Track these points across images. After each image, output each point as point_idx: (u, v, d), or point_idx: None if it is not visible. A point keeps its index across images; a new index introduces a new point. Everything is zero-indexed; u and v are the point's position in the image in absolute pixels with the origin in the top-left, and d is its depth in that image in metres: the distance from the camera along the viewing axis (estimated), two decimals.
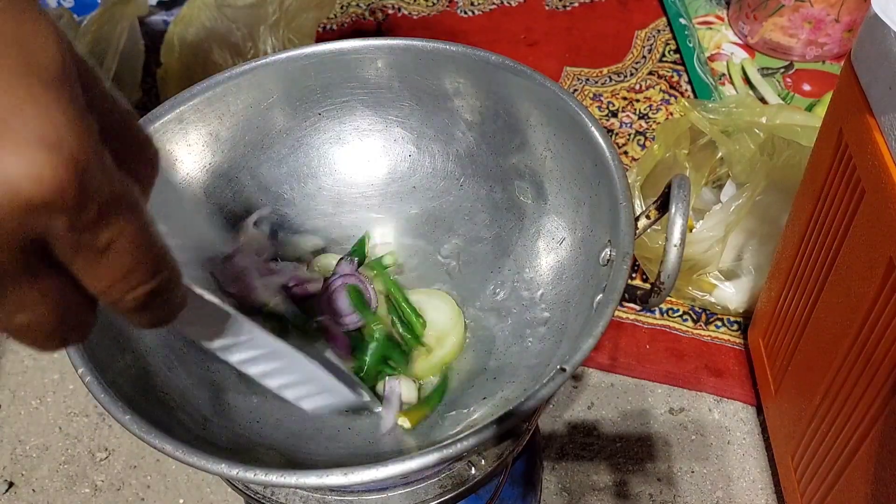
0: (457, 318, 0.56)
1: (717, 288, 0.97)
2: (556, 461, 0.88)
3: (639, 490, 0.86)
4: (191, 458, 0.38)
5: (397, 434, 0.50)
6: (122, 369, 0.46)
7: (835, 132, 0.66)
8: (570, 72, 1.38)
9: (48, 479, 0.91)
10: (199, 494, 0.89)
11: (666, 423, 0.91)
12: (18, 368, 1.03)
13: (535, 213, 0.57)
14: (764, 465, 0.87)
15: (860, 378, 0.61)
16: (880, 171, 0.56)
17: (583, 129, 0.51)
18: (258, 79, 0.58)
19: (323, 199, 0.62)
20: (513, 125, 0.57)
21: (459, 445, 0.37)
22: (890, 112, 0.55)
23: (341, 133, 0.62)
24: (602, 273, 0.47)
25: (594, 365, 0.97)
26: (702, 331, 0.99)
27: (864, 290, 0.60)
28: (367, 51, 0.58)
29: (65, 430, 0.96)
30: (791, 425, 0.77)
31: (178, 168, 0.57)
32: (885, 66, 0.55)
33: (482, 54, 0.56)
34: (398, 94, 0.60)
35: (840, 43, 1.31)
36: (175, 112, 0.56)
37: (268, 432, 0.49)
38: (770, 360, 0.85)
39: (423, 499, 0.50)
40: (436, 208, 0.61)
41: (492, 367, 0.53)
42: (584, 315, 0.47)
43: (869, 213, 0.59)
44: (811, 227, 0.72)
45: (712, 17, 1.46)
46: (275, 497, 0.51)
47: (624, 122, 1.28)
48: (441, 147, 0.61)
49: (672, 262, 0.41)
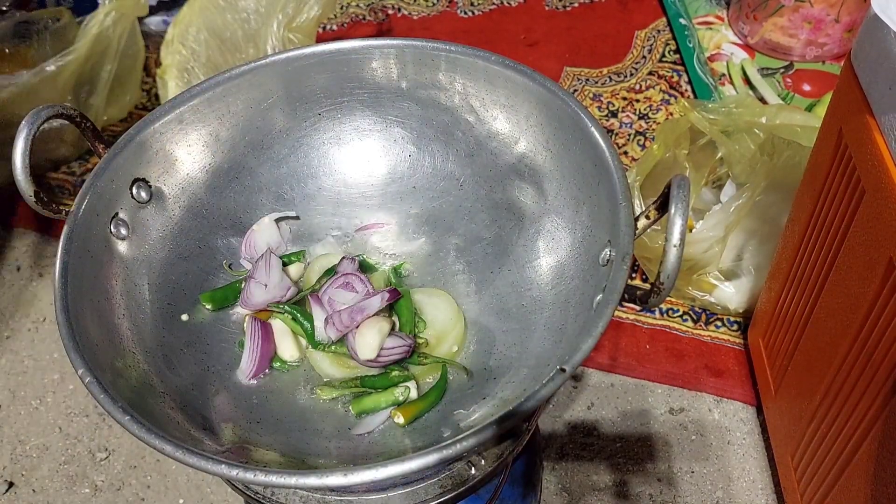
0: (457, 318, 0.56)
1: (717, 288, 0.97)
2: (556, 461, 0.88)
3: (639, 490, 0.86)
4: (191, 458, 0.38)
5: (396, 434, 0.50)
6: (122, 370, 0.46)
7: (835, 132, 0.66)
8: (570, 72, 1.38)
9: (48, 479, 0.91)
10: (199, 494, 0.89)
11: (666, 423, 0.91)
12: (18, 368, 1.03)
13: (535, 213, 0.57)
14: (764, 465, 0.87)
15: (860, 378, 0.61)
16: (880, 171, 0.56)
17: (583, 129, 0.51)
18: (258, 79, 0.58)
19: (323, 199, 0.62)
20: (513, 125, 0.57)
21: (459, 445, 0.37)
22: (890, 112, 0.55)
23: (341, 133, 0.62)
24: (602, 273, 0.47)
25: (594, 365, 0.96)
26: (702, 331, 0.99)
27: (864, 290, 0.60)
28: (367, 51, 0.58)
29: (65, 431, 0.96)
30: (791, 425, 0.77)
31: (178, 168, 0.57)
32: (885, 66, 0.55)
33: (482, 54, 0.56)
34: (398, 94, 0.60)
35: (840, 43, 1.31)
36: (175, 112, 0.56)
37: (268, 432, 0.49)
38: (770, 360, 0.85)
39: (423, 499, 0.50)
40: (436, 208, 0.61)
41: (492, 367, 0.53)
42: (583, 315, 0.47)
43: (869, 213, 0.59)
44: (811, 227, 0.72)
45: (712, 17, 1.46)
46: (275, 497, 0.51)
47: (624, 122, 1.28)
48: (441, 147, 0.60)
49: (672, 262, 0.41)
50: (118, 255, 0.52)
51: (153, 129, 0.55)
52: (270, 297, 0.56)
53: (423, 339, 0.55)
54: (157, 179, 0.56)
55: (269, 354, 0.54)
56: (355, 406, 0.51)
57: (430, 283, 0.59)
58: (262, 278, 0.56)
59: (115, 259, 0.52)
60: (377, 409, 0.51)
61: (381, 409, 0.51)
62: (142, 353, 0.49)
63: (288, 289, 0.57)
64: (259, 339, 0.53)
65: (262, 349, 0.53)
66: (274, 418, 0.51)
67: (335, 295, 0.55)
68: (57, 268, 0.47)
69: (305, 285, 0.58)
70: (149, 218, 0.55)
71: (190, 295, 0.56)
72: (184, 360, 0.52)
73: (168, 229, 0.56)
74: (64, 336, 0.43)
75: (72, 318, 0.44)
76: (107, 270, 0.51)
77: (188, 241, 0.57)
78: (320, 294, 0.56)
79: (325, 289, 0.56)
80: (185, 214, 0.57)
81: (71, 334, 0.43)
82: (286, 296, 0.56)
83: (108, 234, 0.52)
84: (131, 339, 0.49)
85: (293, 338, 0.55)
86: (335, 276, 0.56)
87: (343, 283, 0.56)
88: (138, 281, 0.53)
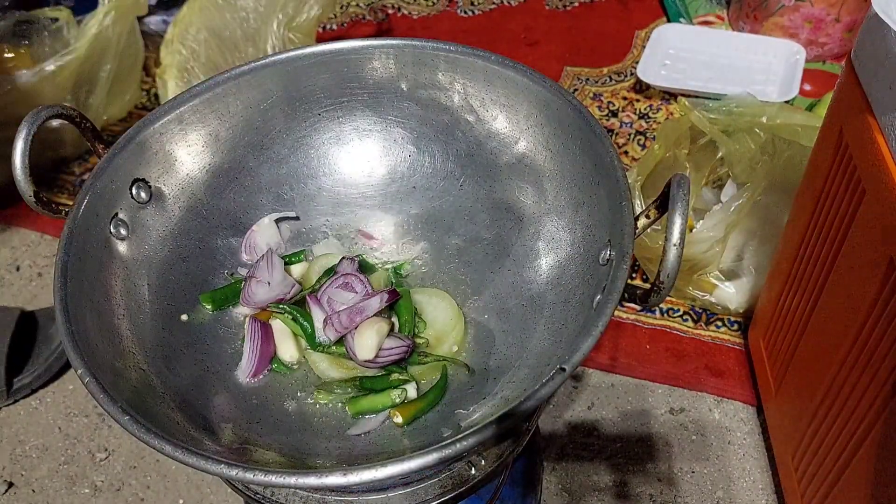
0: (457, 318, 0.56)
1: (717, 288, 0.97)
2: (557, 461, 0.88)
3: (639, 490, 0.86)
4: (190, 458, 0.38)
5: (396, 434, 0.50)
6: (122, 370, 0.46)
7: (835, 132, 0.66)
8: (570, 72, 1.38)
9: (48, 479, 0.91)
10: (199, 495, 0.89)
11: (666, 423, 0.91)
12: None
13: (535, 213, 0.57)
14: (764, 465, 0.87)
15: (860, 378, 0.61)
16: (880, 171, 0.56)
17: (583, 128, 0.51)
18: (258, 79, 0.58)
19: (323, 200, 0.62)
20: (512, 125, 0.57)
21: (459, 445, 0.37)
22: (890, 112, 0.55)
23: (341, 133, 0.62)
24: (602, 273, 0.47)
25: (594, 365, 0.96)
26: (702, 331, 0.99)
27: (864, 290, 0.60)
28: (367, 51, 0.58)
29: (64, 431, 0.96)
30: (791, 425, 0.77)
31: (178, 168, 0.57)
32: (886, 66, 0.55)
33: (482, 54, 0.56)
34: (398, 94, 0.60)
35: (840, 43, 1.31)
36: (175, 112, 0.56)
37: (268, 432, 0.49)
38: (770, 360, 0.85)
39: (424, 499, 0.50)
40: (436, 208, 0.61)
41: (492, 367, 0.53)
42: (583, 315, 0.47)
43: (869, 213, 0.59)
44: (811, 227, 0.72)
45: (712, 16, 1.46)
46: (275, 497, 0.51)
47: (624, 122, 1.28)
48: (441, 147, 0.60)
49: (671, 261, 0.41)
50: (118, 256, 0.52)
51: (153, 129, 0.55)
52: (274, 296, 0.56)
53: (423, 339, 0.55)
54: (157, 180, 0.56)
55: (269, 355, 0.54)
56: (352, 407, 0.51)
57: (430, 283, 0.59)
58: (265, 277, 0.56)
59: (115, 259, 0.52)
60: (374, 410, 0.51)
61: (378, 411, 0.51)
62: (141, 353, 0.49)
63: (292, 286, 0.57)
64: (259, 339, 0.53)
65: (261, 349, 0.53)
66: (273, 418, 0.51)
67: (334, 295, 0.55)
68: (57, 268, 0.47)
69: (305, 285, 0.58)
70: (149, 218, 0.55)
71: (190, 295, 0.56)
72: (184, 360, 0.52)
73: (168, 230, 0.56)
74: (64, 336, 0.43)
75: (72, 318, 0.44)
76: (106, 271, 0.51)
77: (188, 241, 0.57)
78: (319, 294, 0.56)
79: (325, 289, 0.56)
80: (184, 215, 0.57)
81: (71, 334, 0.43)
82: (290, 293, 0.56)
83: (107, 235, 0.52)
84: (131, 340, 0.49)
85: (293, 338, 0.55)
86: (334, 277, 0.56)
87: (342, 283, 0.56)
88: (138, 281, 0.53)
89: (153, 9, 1.48)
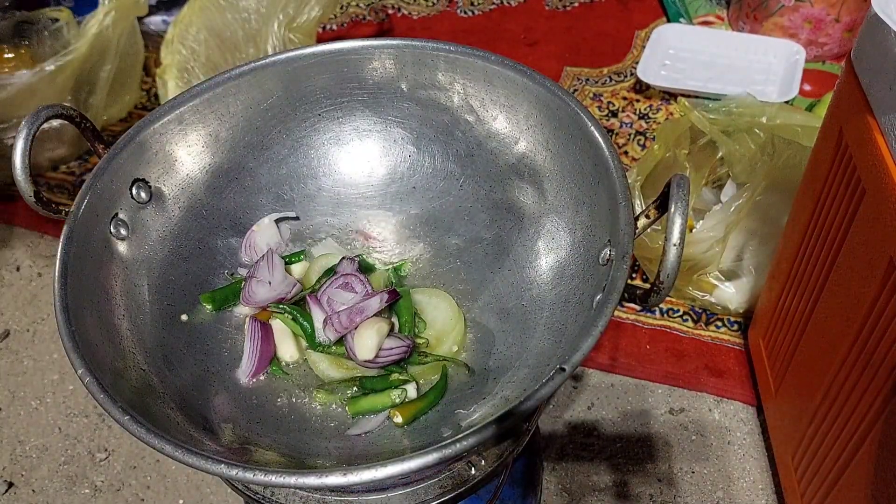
0: (457, 318, 0.56)
1: (717, 288, 0.97)
2: (557, 461, 0.88)
3: (639, 490, 0.86)
4: (190, 458, 0.38)
5: (396, 434, 0.50)
6: (122, 370, 0.46)
7: (835, 132, 0.66)
8: (570, 72, 1.38)
9: (48, 479, 0.91)
10: (199, 495, 0.89)
11: (666, 423, 0.91)
12: (18, 369, 1.03)
13: (535, 213, 0.57)
14: (764, 466, 0.87)
15: (860, 378, 0.61)
16: (880, 171, 0.56)
17: (583, 129, 0.51)
18: (258, 79, 0.58)
19: (323, 200, 0.62)
20: (512, 125, 0.57)
21: (459, 445, 0.37)
22: (890, 112, 0.55)
23: (341, 133, 0.62)
24: (602, 273, 0.47)
25: (594, 365, 0.96)
26: (702, 331, 0.99)
27: (864, 290, 0.60)
28: (367, 51, 0.58)
29: (64, 431, 0.96)
30: (791, 425, 0.77)
31: (178, 168, 0.57)
32: (886, 66, 0.55)
33: (482, 54, 0.56)
34: (398, 95, 0.60)
35: (840, 43, 1.31)
36: (175, 113, 0.56)
37: (268, 432, 0.49)
38: (770, 360, 0.85)
39: (423, 499, 0.50)
40: (436, 208, 0.61)
41: (492, 367, 0.53)
42: (583, 315, 0.47)
43: (869, 213, 0.59)
44: (811, 227, 0.72)
45: (712, 16, 1.46)
46: (275, 497, 0.51)
47: (624, 122, 1.28)
48: (441, 147, 0.60)
49: (671, 261, 0.41)
50: (118, 256, 0.52)
51: (153, 130, 0.55)
52: (275, 296, 0.56)
53: (424, 339, 0.55)
54: (157, 180, 0.56)
55: (269, 355, 0.54)
56: (352, 407, 0.51)
57: (430, 283, 0.59)
58: (265, 277, 0.56)
59: (115, 259, 0.52)
60: (374, 410, 0.51)
61: (377, 412, 0.51)
62: (141, 353, 0.49)
63: (293, 286, 0.57)
64: (259, 339, 0.53)
65: (261, 349, 0.53)
66: (273, 418, 0.51)
67: (334, 295, 0.55)
68: (57, 268, 0.47)
69: (305, 285, 0.58)
70: (149, 218, 0.55)
71: (190, 295, 0.56)
72: (184, 360, 0.52)
73: (168, 230, 0.56)
74: (64, 336, 0.43)
75: (72, 319, 0.44)
76: (106, 271, 0.51)
77: (188, 241, 0.57)
78: (319, 294, 0.56)
79: (325, 289, 0.56)
80: (184, 215, 0.57)
81: (71, 334, 0.43)
82: (290, 293, 0.56)
83: (107, 235, 0.52)
84: (131, 340, 0.49)
85: (293, 338, 0.55)
86: (334, 277, 0.56)
87: (342, 283, 0.56)
88: (138, 281, 0.53)
89: (153, 9, 1.48)
